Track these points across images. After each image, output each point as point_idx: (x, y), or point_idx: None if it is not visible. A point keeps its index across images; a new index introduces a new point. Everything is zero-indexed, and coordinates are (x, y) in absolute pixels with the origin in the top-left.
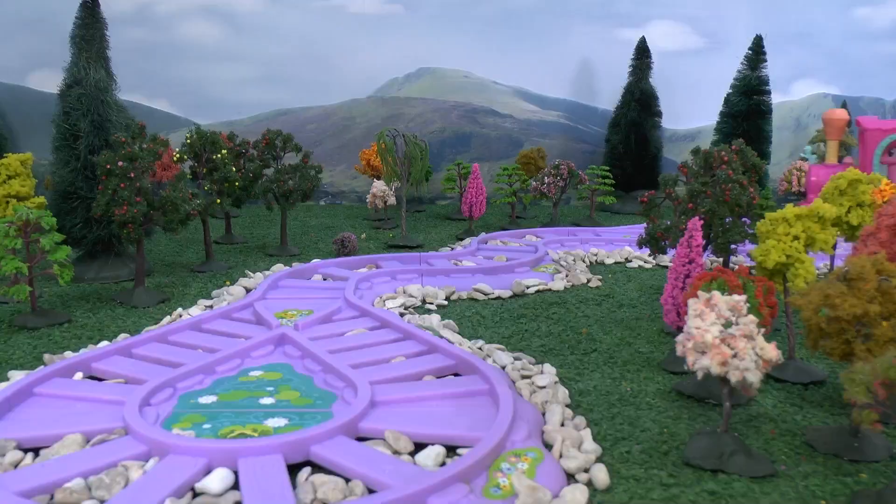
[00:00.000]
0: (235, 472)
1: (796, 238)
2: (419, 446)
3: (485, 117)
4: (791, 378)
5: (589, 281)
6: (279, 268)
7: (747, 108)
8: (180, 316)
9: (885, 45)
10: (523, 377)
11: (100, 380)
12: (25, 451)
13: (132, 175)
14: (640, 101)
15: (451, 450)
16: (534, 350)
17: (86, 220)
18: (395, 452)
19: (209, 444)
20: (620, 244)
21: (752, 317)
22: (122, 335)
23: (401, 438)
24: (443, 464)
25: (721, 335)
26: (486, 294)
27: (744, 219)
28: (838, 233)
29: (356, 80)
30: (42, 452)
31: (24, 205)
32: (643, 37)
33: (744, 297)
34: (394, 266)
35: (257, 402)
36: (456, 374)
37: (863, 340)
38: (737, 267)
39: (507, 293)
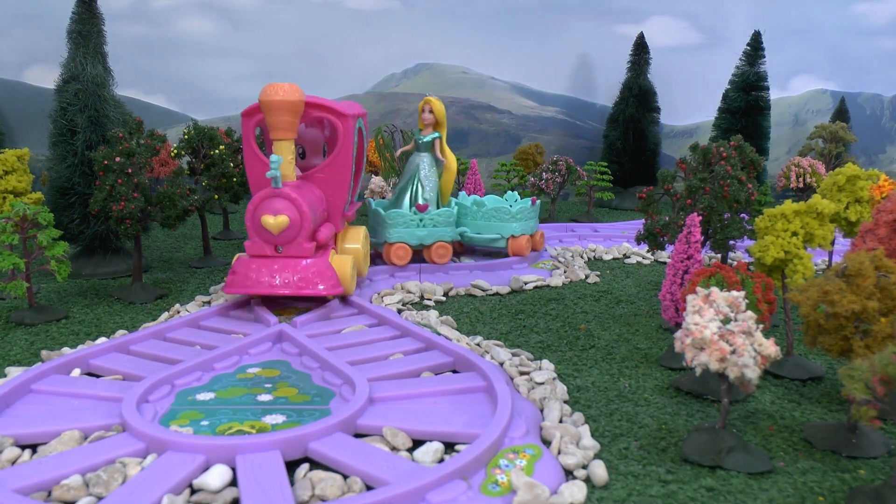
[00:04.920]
0: (233, 469)
1: (795, 234)
2: (417, 443)
3: (483, 113)
4: (789, 374)
5: (587, 277)
6: None
7: (746, 104)
8: (178, 312)
9: (883, 41)
10: (521, 373)
11: (97, 376)
12: (23, 447)
13: (130, 171)
14: (638, 97)
15: (450, 446)
16: (532, 346)
17: (83, 216)
18: (394, 449)
19: (207, 440)
20: (619, 240)
21: (750, 313)
22: (120, 331)
23: (399, 435)
24: (441, 460)
25: (719, 331)
26: (484, 290)
27: (742, 215)
28: (836, 229)
29: (354, 75)
30: (39, 449)
31: (21, 200)
32: (641, 32)
33: (742, 294)
34: None
35: (255, 398)
36: (454, 371)
37: (861, 337)
38: (735, 263)
39: (505, 289)
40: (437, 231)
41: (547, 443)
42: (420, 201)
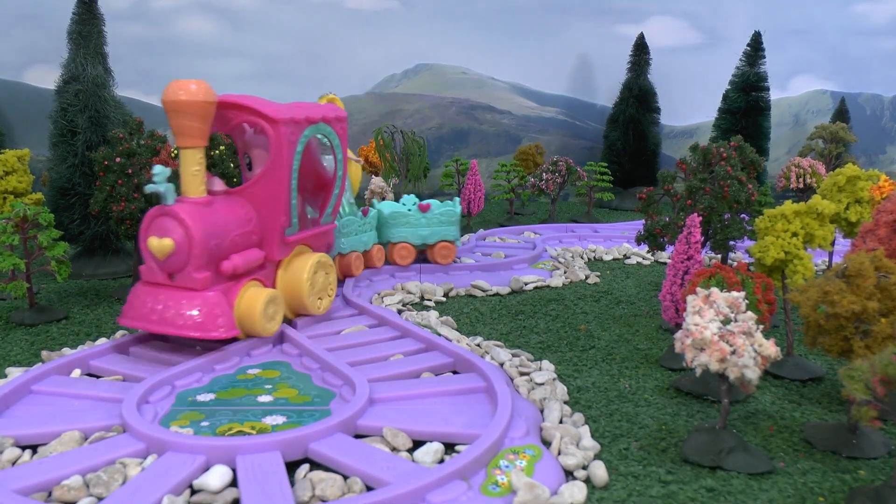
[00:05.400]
0: (234, 470)
1: (795, 235)
2: (417, 443)
3: (483, 113)
4: (789, 375)
5: (587, 277)
6: None
7: (746, 105)
8: None
9: (883, 41)
10: (521, 374)
11: (97, 377)
12: (23, 448)
13: (130, 171)
14: (638, 98)
15: (450, 447)
16: (532, 347)
17: (83, 217)
18: (394, 449)
19: (207, 441)
20: (619, 241)
21: (750, 313)
22: (120, 332)
23: (399, 435)
24: (441, 461)
25: (719, 332)
26: (484, 290)
27: (742, 215)
28: (837, 229)
29: (354, 76)
30: (40, 450)
31: (21, 201)
32: (641, 33)
33: (742, 294)
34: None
35: (255, 399)
36: (454, 372)
37: (861, 337)
38: (735, 264)
39: (505, 290)
40: (373, 235)
41: (547, 443)
42: (346, 205)
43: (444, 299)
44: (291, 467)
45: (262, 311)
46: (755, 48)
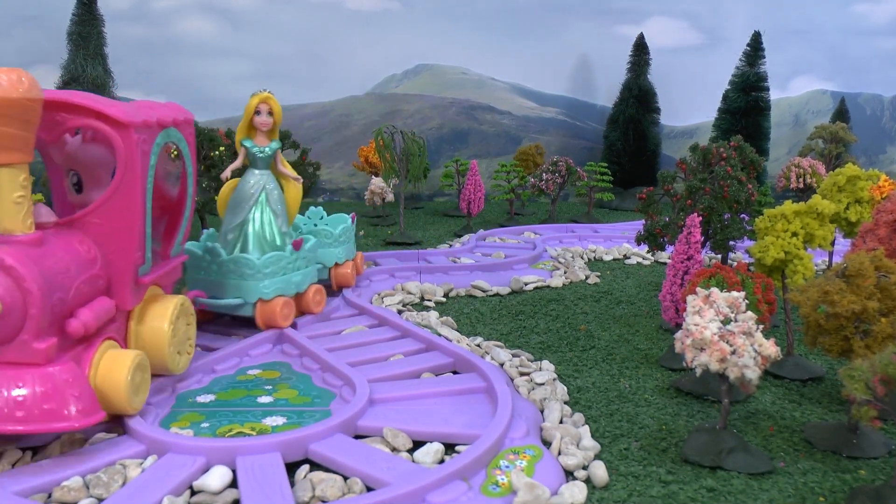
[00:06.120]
0: (234, 471)
1: (795, 234)
2: (418, 444)
3: (483, 114)
4: (789, 374)
5: (587, 278)
6: None
7: (746, 105)
8: None
9: (883, 41)
10: (521, 374)
11: None
12: (23, 449)
13: None
14: (638, 98)
15: (450, 447)
16: (532, 347)
17: None
18: (394, 450)
19: (207, 442)
20: (619, 241)
21: (750, 313)
22: None
23: (399, 436)
24: (441, 461)
25: (719, 332)
26: (484, 291)
27: (742, 215)
28: (837, 229)
29: (354, 76)
30: (40, 451)
31: None
32: (641, 33)
33: (742, 294)
34: (392, 263)
35: (255, 400)
36: (454, 372)
37: (861, 337)
38: (735, 264)
39: (505, 290)
40: (310, 272)
41: (547, 443)
42: (277, 235)
43: (444, 299)
44: (291, 468)
45: (127, 381)
46: (755, 48)
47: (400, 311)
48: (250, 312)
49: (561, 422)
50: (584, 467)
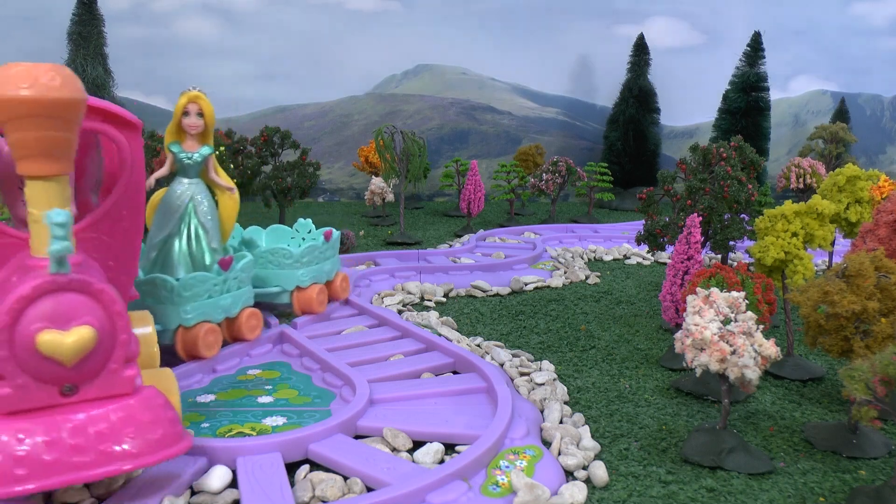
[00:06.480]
0: (234, 471)
1: (795, 235)
2: (418, 444)
3: (483, 114)
4: (790, 375)
5: (587, 278)
6: None
7: (746, 105)
8: None
9: (883, 42)
10: (521, 374)
11: None
12: None
13: None
14: (638, 98)
15: (450, 447)
16: (532, 347)
17: None
18: (394, 450)
19: (207, 442)
20: (619, 241)
21: (750, 313)
22: None
23: (399, 436)
24: (441, 461)
25: (720, 332)
26: (484, 291)
27: (742, 215)
28: (837, 229)
29: (354, 76)
30: None
31: None
32: (641, 33)
33: (742, 294)
34: (392, 263)
35: (255, 400)
36: (454, 372)
37: (861, 337)
38: (735, 264)
39: (505, 290)
40: (243, 293)
41: (547, 444)
42: (207, 253)
43: (444, 300)
44: (291, 468)
45: (179, 400)
46: (755, 48)
47: (400, 311)
48: (169, 339)
49: (561, 422)
50: (584, 467)
